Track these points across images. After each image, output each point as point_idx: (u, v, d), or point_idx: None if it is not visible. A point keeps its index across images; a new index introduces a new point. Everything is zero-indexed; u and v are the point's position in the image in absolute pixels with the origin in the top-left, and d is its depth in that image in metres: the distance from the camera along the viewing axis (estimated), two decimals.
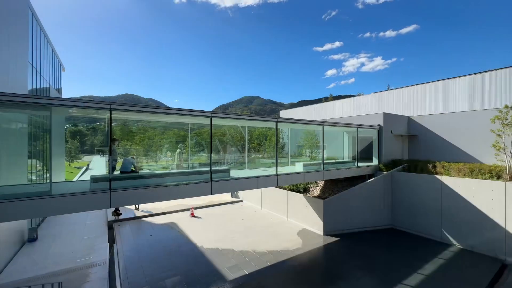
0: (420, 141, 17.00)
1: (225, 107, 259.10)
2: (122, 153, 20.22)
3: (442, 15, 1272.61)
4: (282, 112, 35.27)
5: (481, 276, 9.18)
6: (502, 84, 15.89)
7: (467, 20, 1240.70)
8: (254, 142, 24.31)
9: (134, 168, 8.87)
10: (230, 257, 10.70)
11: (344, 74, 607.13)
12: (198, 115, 8.88)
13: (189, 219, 16.03)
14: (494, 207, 10.83)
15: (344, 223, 13.52)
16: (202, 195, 8.81)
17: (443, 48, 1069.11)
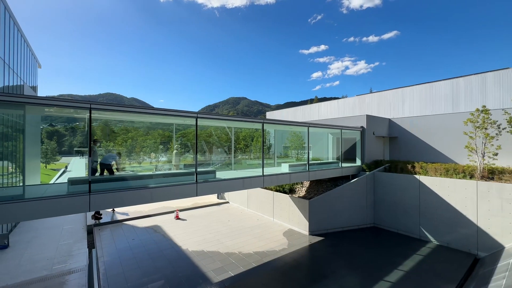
0: (400, 142, 17.71)
1: (211, 107, 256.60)
2: (104, 154, 19.42)
3: (421, 22, 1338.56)
4: (269, 113, 35.48)
5: (456, 271, 9.68)
6: (474, 89, 16.92)
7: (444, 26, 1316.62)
8: (241, 143, 24.24)
9: (115, 164, 8.60)
10: (215, 259, 10.59)
11: (329, 76, 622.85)
12: (183, 115, 8.74)
13: (174, 221, 15.70)
14: (467, 205, 11.48)
15: (328, 223, 13.79)
16: (187, 197, 8.67)
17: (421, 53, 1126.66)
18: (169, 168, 15.79)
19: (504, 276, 7.89)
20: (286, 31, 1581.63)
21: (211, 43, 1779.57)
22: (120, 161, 16.08)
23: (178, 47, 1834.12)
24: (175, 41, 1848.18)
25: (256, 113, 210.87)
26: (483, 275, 8.93)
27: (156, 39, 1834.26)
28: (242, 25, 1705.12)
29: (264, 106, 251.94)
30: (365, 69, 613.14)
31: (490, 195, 10.89)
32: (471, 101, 16.88)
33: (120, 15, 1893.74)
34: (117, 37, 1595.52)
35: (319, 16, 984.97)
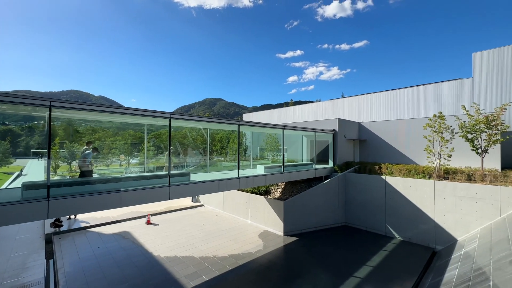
0: (368, 145, 18.80)
1: (186, 108, 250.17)
2: (67, 156, 17.97)
3: (388, 33, 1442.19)
4: (245, 115, 35.53)
5: (417, 264, 10.48)
6: (432, 97, 18.58)
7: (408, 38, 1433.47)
8: (217, 145, 23.94)
9: (90, 163, 8.13)
10: (189, 264, 10.28)
11: (304, 81, 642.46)
12: (156, 115, 8.40)
13: (145, 226, 14.98)
14: (426, 202, 12.51)
15: (302, 223, 14.13)
16: (160, 201, 8.32)
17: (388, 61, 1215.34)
18: (140, 171, 15.06)
19: (457, 267, 8.71)
20: (264, 35, 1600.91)
21: (187, 42, 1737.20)
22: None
23: (153, 46, 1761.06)
24: (149, 39, 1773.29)
25: (232, 114, 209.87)
26: (439, 266, 9.77)
27: (128, 36, 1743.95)
28: (220, 26, 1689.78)
29: (241, 108, 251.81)
30: (338, 75, 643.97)
31: (445, 193, 11.99)
32: (430, 107, 18.51)
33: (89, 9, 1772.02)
34: (85, 32, 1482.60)
35: (295, 22, 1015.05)
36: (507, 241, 8.11)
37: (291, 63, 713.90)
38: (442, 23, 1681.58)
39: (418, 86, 19.47)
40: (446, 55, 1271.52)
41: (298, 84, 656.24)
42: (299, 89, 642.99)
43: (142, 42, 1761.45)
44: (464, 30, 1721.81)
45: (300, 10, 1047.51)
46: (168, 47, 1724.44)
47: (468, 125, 12.84)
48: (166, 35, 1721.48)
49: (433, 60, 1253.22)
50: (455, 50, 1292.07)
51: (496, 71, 15.94)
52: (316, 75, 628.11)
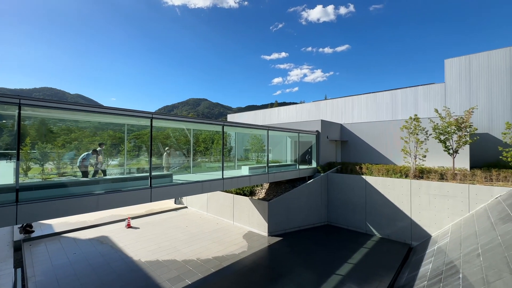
0: (350, 146, 19.38)
1: (169, 108, 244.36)
2: (39, 157, 16.90)
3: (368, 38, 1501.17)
4: (230, 116, 35.37)
5: (394, 259, 10.94)
6: (408, 100, 19.52)
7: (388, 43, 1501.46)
8: (201, 146, 23.60)
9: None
10: (171, 268, 10.03)
11: (289, 82, 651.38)
12: (136, 115, 8.13)
13: (125, 230, 14.43)
14: (403, 201, 13.11)
15: (286, 223, 14.28)
16: (141, 203, 8.06)
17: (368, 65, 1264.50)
18: (120, 172, 14.49)
19: (431, 261, 9.20)
20: (249, 36, 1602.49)
21: (171, 41, 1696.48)
22: (60, 166, 14.27)
23: (134, 43, 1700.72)
24: (131, 37, 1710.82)
25: (217, 115, 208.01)
26: (415, 261, 10.26)
27: (109, 32, 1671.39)
28: (205, 26, 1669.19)
29: (225, 108, 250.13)
30: (321, 77, 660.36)
31: (420, 192, 12.63)
32: (407, 110, 19.44)
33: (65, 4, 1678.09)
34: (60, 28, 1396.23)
35: (280, 25, 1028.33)
36: (475, 236, 8.69)
37: (276, 64, 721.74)
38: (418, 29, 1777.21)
39: (396, 89, 20.39)
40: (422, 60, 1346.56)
41: (283, 86, 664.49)
42: (284, 90, 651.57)
43: (123, 39, 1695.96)
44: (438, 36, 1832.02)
45: (285, 13, 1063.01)
46: (151, 45, 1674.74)
47: (441, 127, 13.63)
48: (149, 33, 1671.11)
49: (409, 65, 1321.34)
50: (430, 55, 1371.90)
51: (465, 77, 17.07)
52: (301, 77, 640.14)
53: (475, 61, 16.76)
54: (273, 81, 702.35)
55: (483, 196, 10.97)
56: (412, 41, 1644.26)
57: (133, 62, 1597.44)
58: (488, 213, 9.74)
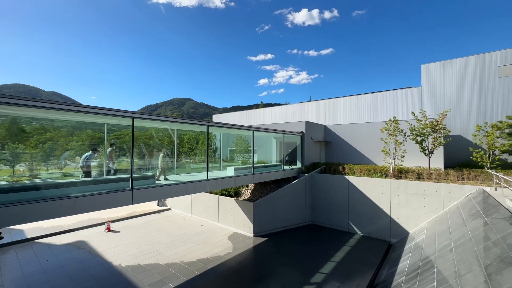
0: (333, 146, 19.85)
1: (153, 107, 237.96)
2: (9, 158, 15.82)
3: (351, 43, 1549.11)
4: (215, 116, 35.07)
5: (375, 256, 11.33)
6: (388, 103, 20.33)
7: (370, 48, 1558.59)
8: (185, 146, 23.19)
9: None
10: (154, 272, 9.76)
11: (275, 84, 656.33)
12: (117, 114, 7.85)
13: (104, 234, 13.85)
14: (383, 199, 13.62)
15: (271, 223, 14.36)
16: (121, 206, 7.78)
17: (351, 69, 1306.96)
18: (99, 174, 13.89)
19: (408, 257, 9.62)
20: (235, 37, 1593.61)
21: (155, 39, 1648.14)
22: (34, 168, 13.52)
23: (116, 39, 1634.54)
24: (113, 32, 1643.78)
25: (202, 115, 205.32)
26: (394, 258, 10.69)
27: (88, 27, 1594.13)
28: (190, 25, 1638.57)
29: (211, 108, 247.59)
30: (306, 79, 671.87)
31: (399, 191, 13.18)
32: (387, 112, 20.23)
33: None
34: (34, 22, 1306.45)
35: (267, 27, 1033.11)
36: (448, 232, 9.20)
37: (262, 66, 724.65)
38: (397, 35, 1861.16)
39: (376, 92, 21.17)
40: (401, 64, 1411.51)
41: (268, 87, 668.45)
42: (270, 91, 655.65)
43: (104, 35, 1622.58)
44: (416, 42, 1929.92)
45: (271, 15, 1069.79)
46: (134, 42, 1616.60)
47: (417, 129, 14.32)
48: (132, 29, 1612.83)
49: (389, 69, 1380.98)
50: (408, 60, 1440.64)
51: (440, 81, 18.06)
52: (286, 79, 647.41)
53: (448, 67, 17.79)
54: (259, 82, 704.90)
55: (456, 194, 11.64)
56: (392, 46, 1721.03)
57: (115, 60, 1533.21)
58: (460, 210, 10.35)
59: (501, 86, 15.98)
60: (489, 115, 16.12)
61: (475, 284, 5.47)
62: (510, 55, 15.74)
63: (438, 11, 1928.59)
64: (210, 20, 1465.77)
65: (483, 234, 7.18)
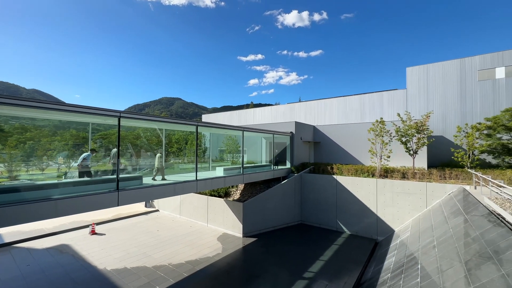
0: (322, 147, 20.13)
1: (140, 107, 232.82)
2: None
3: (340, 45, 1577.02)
4: (205, 116, 34.77)
5: (362, 254, 11.57)
6: (375, 104, 20.84)
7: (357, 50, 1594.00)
8: (173, 146, 22.84)
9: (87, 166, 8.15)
10: (141, 275, 9.54)
11: (265, 84, 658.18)
12: (102, 113, 7.61)
13: (89, 237, 13.41)
14: (370, 198, 13.93)
15: (261, 223, 14.38)
16: (106, 208, 7.55)
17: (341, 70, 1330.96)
18: None
19: (394, 254, 9.88)
20: (225, 37, 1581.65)
21: (143, 37, 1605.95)
22: (13, 169, 13.04)
23: (103, 36, 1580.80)
24: (100, 30, 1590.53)
25: (191, 115, 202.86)
26: (380, 255, 10.95)
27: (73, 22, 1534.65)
28: (180, 24, 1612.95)
29: (200, 108, 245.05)
30: (296, 80, 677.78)
31: (385, 190, 13.53)
32: (374, 113, 20.73)
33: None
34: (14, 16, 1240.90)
35: (257, 27, 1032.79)
36: (431, 229, 9.53)
37: (253, 66, 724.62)
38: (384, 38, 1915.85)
39: (364, 94, 21.65)
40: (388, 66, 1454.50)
41: (259, 87, 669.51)
42: (260, 92, 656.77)
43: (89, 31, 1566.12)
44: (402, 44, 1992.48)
45: (262, 16, 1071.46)
46: (121, 40, 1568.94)
47: (402, 130, 14.76)
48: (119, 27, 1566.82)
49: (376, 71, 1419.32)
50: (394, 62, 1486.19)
51: (424, 84, 18.71)
52: (276, 79, 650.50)
53: (432, 70, 18.45)
54: (249, 82, 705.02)
55: (438, 193, 12.08)
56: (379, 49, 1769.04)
57: (102, 58, 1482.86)
58: (442, 208, 10.75)
59: (480, 89, 16.74)
60: (469, 116, 16.86)
61: (456, 279, 5.69)
62: (488, 60, 16.52)
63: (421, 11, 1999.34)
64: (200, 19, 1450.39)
65: (463, 231, 7.49)
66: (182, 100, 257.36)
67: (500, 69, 16.16)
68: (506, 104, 15.66)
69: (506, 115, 14.23)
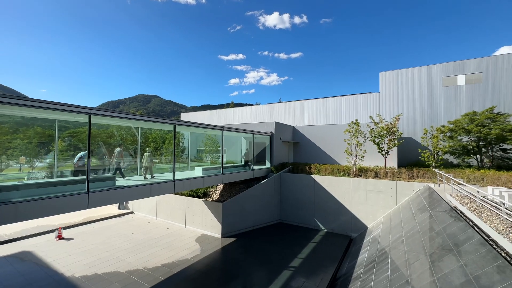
0: (301, 147, 20.57)
1: (115, 104, 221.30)
2: None
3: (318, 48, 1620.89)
4: (184, 114, 33.96)
5: (338, 251, 12.01)
6: (351, 106, 21.72)
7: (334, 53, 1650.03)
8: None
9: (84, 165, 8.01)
10: (113, 281, 9.07)
11: (246, 84, 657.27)
12: (71, 110, 7.12)
13: (55, 243, 12.49)
14: (345, 197, 14.50)
15: (240, 223, 14.35)
16: (75, 210, 7.07)
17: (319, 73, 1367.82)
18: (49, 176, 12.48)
19: (367, 250, 10.37)
20: (206, 35, 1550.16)
21: (119, 31, 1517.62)
22: None
23: (74, 28, 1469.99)
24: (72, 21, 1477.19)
25: (170, 113, 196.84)
26: (354, 251, 11.44)
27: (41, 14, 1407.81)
28: (159, 19, 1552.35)
29: (179, 107, 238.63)
30: (276, 81, 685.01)
31: (359, 188, 14.16)
32: (349, 115, 21.60)
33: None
34: None
35: (238, 27, 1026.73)
36: (400, 225, 10.14)
37: (234, 65, 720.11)
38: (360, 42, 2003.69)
39: (340, 96, 22.49)
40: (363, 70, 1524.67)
41: (239, 87, 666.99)
42: (241, 91, 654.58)
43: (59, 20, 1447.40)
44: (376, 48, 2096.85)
45: (243, 16, 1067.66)
46: (95, 33, 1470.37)
47: (375, 131, 15.54)
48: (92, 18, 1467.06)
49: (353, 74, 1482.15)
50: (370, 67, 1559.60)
51: (395, 88, 19.85)
52: (257, 80, 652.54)
53: (402, 75, 19.64)
54: (230, 81, 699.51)
55: (407, 191, 12.89)
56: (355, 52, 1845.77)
57: (72, 51, 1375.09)
58: (410, 205, 11.48)
59: (444, 94, 18.13)
60: (435, 119, 18.19)
61: (422, 271, 6.11)
62: (451, 68, 17.94)
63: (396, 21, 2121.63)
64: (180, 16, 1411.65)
65: (428, 226, 8.06)
66: (160, 98, 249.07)
67: (461, 77, 17.64)
68: (466, 109, 17.13)
69: (466, 119, 15.57)
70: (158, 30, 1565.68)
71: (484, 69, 16.98)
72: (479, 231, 5.97)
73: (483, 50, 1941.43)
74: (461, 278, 4.92)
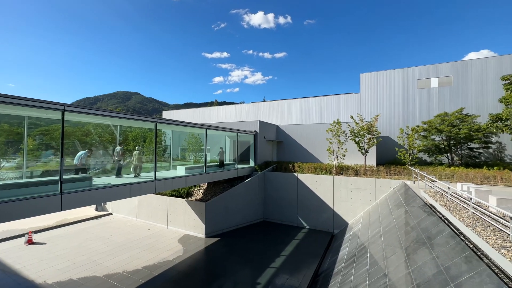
0: (285, 146, 20.79)
1: (92, 100, 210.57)
2: None
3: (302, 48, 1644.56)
4: (166, 112, 33.11)
5: (320, 247, 12.30)
6: (333, 106, 22.27)
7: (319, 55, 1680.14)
8: (130, 144, 21.23)
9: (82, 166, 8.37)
10: (89, 286, 8.66)
11: (230, 83, 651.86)
12: (41, 106, 6.68)
13: (24, 248, 11.70)
14: (327, 194, 14.87)
15: (224, 223, 14.26)
16: (46, 213, 6.65)
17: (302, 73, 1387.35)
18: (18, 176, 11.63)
19: (347, 245, 10.71)
20: (190, 32, 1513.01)
21: (98, 25, 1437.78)
22: None
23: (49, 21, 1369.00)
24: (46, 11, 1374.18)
25: (151, 111, 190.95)
26: (336, 247, 11.78)
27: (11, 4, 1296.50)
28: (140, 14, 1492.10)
29: (161, 104, 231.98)
30: (261, 80, 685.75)
31: (340, 186, 14.58)
32: (331, 114, 22.15)
33: None
34: None
35: (223, 25, 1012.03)
36: (379, 220, 10.57)
37: (218, 63, 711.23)
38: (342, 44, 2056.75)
39: (323, 96, 22.99)
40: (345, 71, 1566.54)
41: (224, 85, 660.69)
42: (225, 90, 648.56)
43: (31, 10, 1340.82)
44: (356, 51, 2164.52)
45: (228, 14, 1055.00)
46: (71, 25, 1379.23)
47: (356, 131, 16.06)
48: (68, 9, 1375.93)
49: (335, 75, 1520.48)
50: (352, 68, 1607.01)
51: (374, 89, 20.63)
52: (242, 78, 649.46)
53: (381, 77, 20.43)
54: (214, 80, 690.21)
55: (385, 188, 13.46)
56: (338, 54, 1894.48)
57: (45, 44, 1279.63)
58: (387, 201, 12.00)
59: (419, 96, 19.11)
60: (410, 120, 19.13)
61: (398, 264, 6.41)
62: (425, 71, 18.94)
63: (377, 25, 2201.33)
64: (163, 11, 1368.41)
65: (404, 221, 8.47)
66: (141, 95, 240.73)
67: (434, 80, 18.68)
68: (439, 110, 18.18)
69: (438, 119, 16.51)
70: (140, 25, 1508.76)
71: (455, 72, 18.10)
72: (450, 224, 6.37)
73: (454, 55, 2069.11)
74: (433, 270, 5.22)
